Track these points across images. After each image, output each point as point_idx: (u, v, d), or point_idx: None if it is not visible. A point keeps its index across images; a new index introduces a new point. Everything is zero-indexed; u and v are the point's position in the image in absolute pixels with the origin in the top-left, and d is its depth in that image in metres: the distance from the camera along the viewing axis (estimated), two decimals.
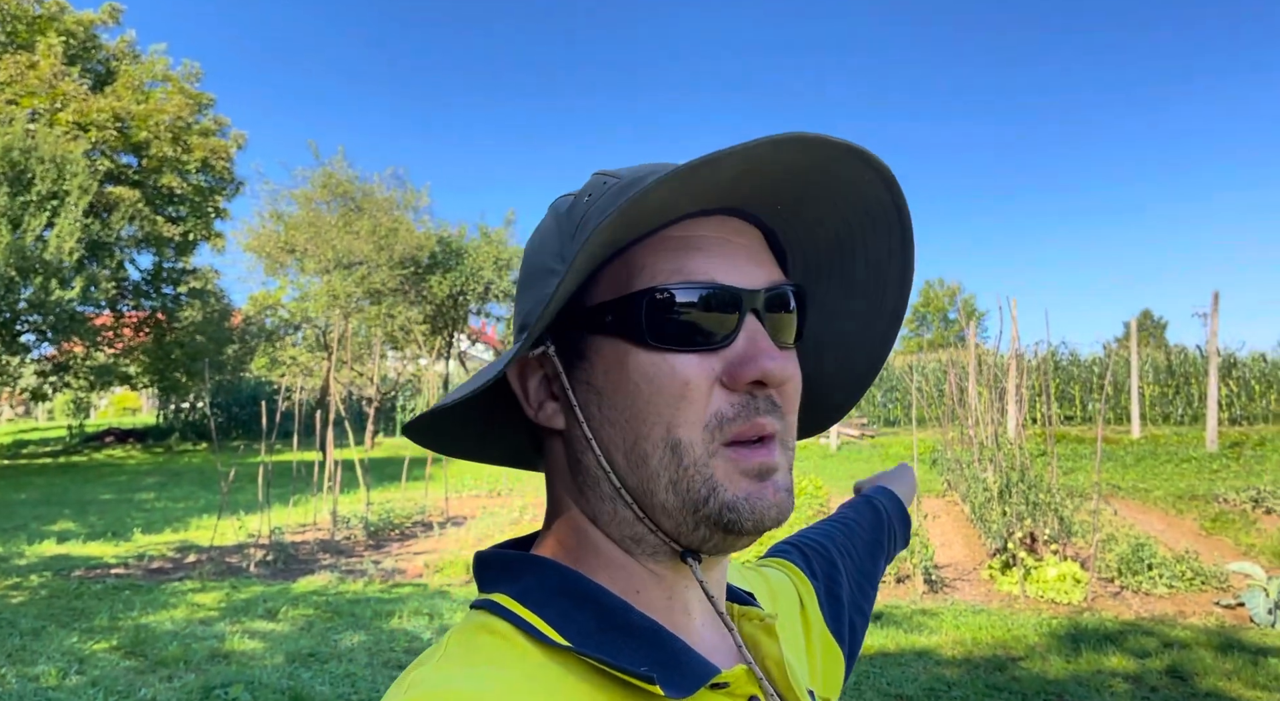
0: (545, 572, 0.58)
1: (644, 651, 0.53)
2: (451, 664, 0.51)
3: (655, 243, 0.58)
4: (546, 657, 0.52)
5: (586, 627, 0.54)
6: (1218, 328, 16.69)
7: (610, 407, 0.57)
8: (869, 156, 0.56)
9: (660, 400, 0.55)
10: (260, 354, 25.27)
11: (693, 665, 0.54)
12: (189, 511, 12.38)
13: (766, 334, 0.57)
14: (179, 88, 23.02)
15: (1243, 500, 10.11)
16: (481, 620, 0.56)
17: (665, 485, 0.56)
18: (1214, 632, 5.67)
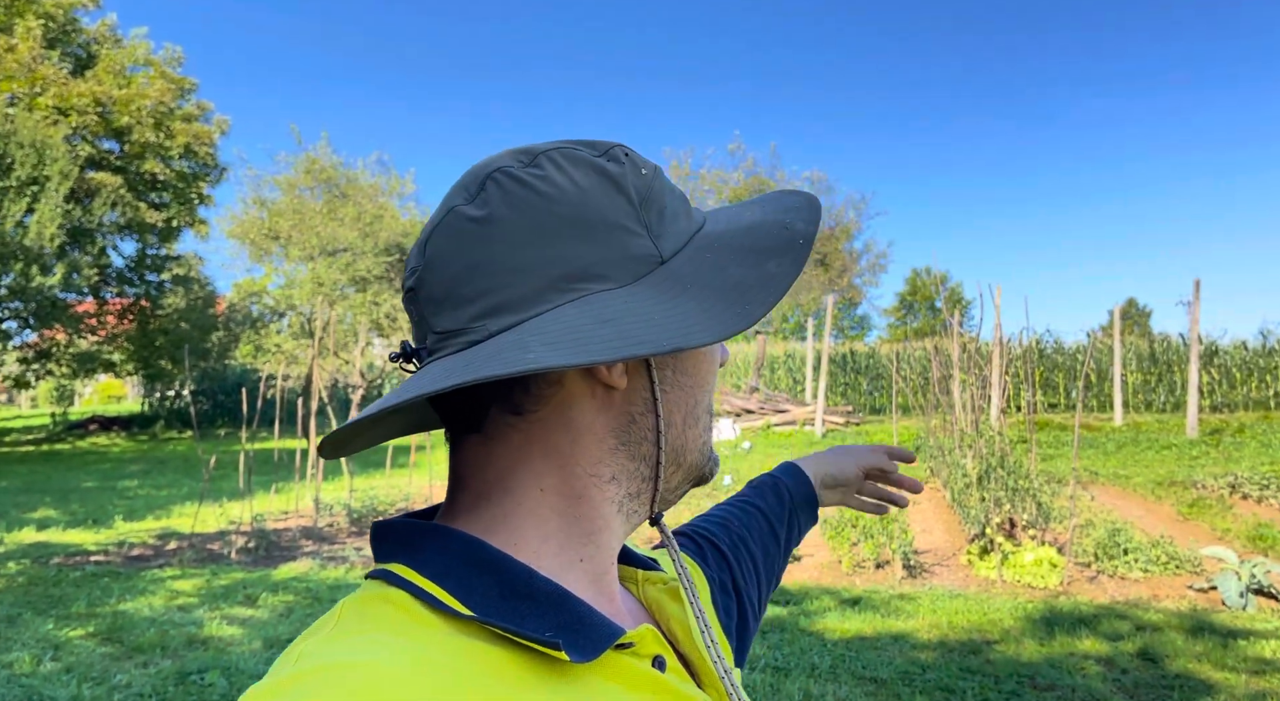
0: (447, 541, 0.56)
1: (549, 617, 0.52)
2: (345, 634, 0.49)
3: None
4: (448, 627, 0.50)
5: (489, 596, 0.53)
6: (1199, 316, 16.83)
7: (682, 373, 0.62)
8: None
9: (710, 370, 0.64)
10: (245, 341, 25.15)
11: (597, 627, 0.53)
12: (172, 499, 12.33)
13: None
14: (161, 72, 22.78)
15: (1220, 486, 10.22)
16: (377, 590, 0.53)
17: (700, 445, 0.63)
18: (1186, 615, 5.74)
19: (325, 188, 23.12)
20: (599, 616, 0.55)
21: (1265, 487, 9.82)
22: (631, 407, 0.59)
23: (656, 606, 0.65)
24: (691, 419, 0.62)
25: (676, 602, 0.64)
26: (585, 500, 0.58)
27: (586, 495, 0.58)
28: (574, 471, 0.58)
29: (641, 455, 0.60)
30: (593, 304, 0.54)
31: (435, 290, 0.57)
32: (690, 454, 0.62)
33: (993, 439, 8.33)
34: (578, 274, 0.55)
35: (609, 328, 0.52)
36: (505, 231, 0.55)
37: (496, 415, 0.58)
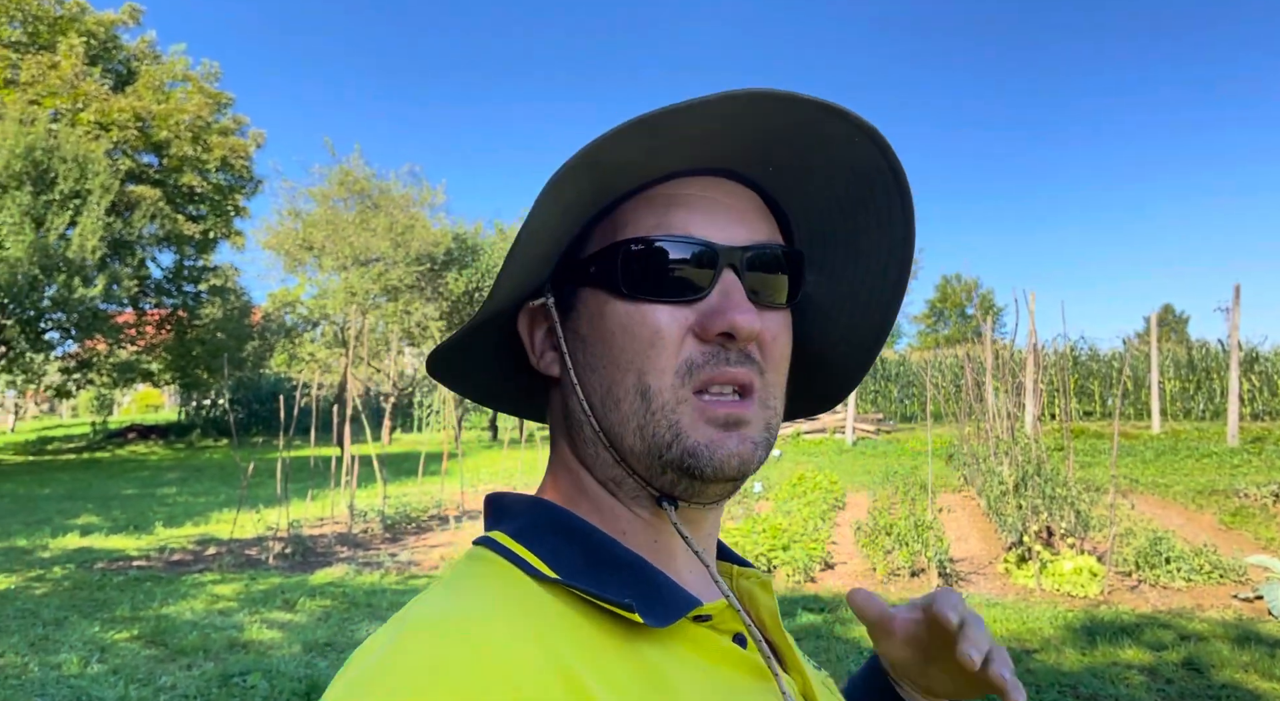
0: (540, 511, 0.62)
1: (628, 584, 0.56)
2: (445, 590, 0.54)
3: (641, 200, 0.61)
4: (536, 588, 0.54)
5: (574, 562, 0.57)
6: (1239, 322, 16.50)
7: (591, 354, 0.60)
8: (848, 115, 0.56)
9: (633, 347, 0.58)
10: (279, 350, 25.51)
11: (674, 596, 0.56)
12: (209, 505, 12.53)
13: (742, 289, 0.58)
14: (199, 87, 23.25)
15: (1263, 495, 10.00)
16: (477, 553, 0.60)
17: (634, 429, 0.58)
18: (1231, 625, 5.62)
19: (358, 198, 23.42)
20: (675, 586, 0.58)
21: None
22: (565, 394, 0.63)
23: (748, 597, 0.67)
24: (611, 401, 0.59)
25: (767, 594, 0.67)
26: (581, 482, 0.63)
27: (580, 478, 0.63)
28: (568, 457, 0.64)
29: (588, 438, 0.61)
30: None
31: None
32: (626, 438, 0.58)
33: (1029, 446, 8.22)
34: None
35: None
36: None
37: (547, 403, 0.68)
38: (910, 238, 0.65)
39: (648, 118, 0.52)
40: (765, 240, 0.61)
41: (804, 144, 0.60)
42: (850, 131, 0.58)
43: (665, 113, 0.52)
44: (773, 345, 0.60)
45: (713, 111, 0.53)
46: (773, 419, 0.60)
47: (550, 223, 0.57)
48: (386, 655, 0.46)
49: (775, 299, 0.61)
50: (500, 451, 17.50)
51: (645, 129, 0.53)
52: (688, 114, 0.53)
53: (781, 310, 0.62)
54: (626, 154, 0.55)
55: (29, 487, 15.47)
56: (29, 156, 17.88)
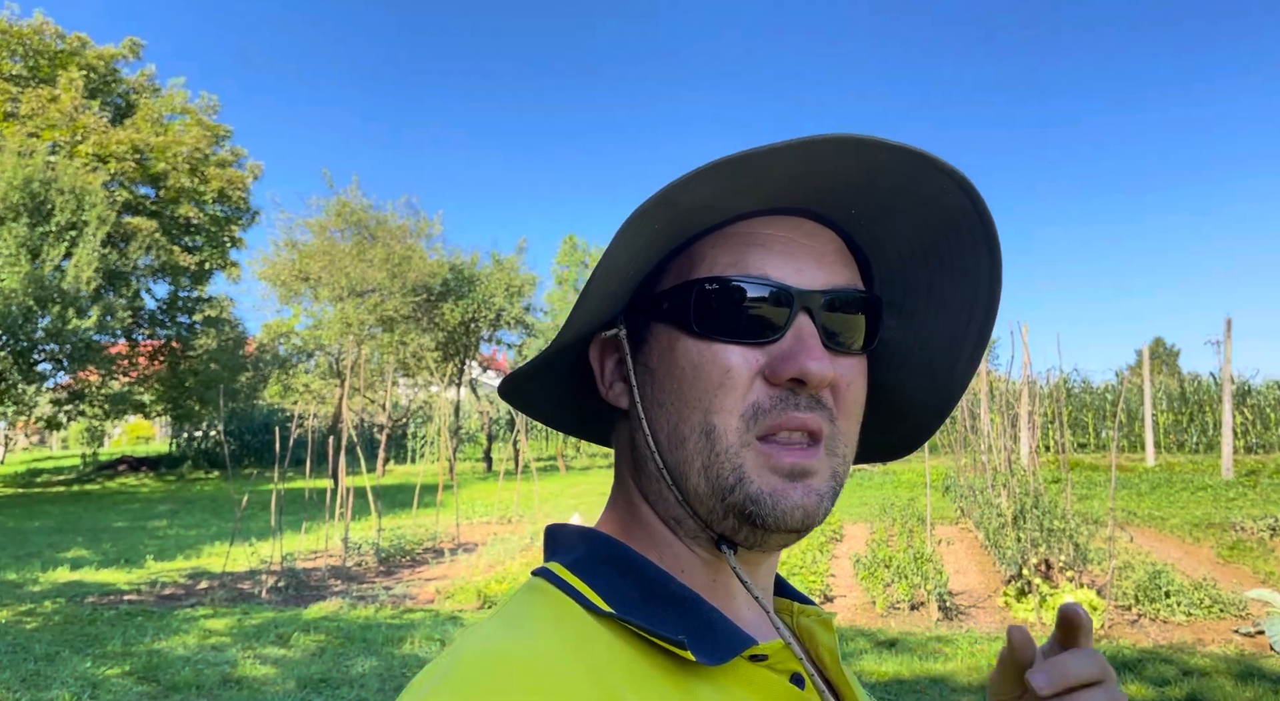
0: (597, 544, 0.62)
1: (682, 620, 0.56)
2: (501, 623, 0.54)
3: (719, 237, 0.60)
4: (590, 621, 0.55)
5: (630, 596, 0.57)
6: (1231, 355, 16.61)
7: (660, 390, 0.60)
8: (936, 161, 0.56)
9: (701, 386, 0.57)
10: (274, 381, 25.42)
11: (729, 635, 0.56)
12: (201, 538, 12.40)
13: (816, 334, 0.58)
14: (197, 120, 23.43)
15: (1260, 528, 10.00)
16: (535, 584, 0.60)
17: (698, 469, 0.57)
18: (1234, 660, 5.60)
19: (355, 229, 23.52)
20: (730, 624, 0.58)
21: None
22: (633, 428, 0.63)
23: (808, 635, 0.66)
24: (677, 439, 0.58)
25: (827, 632, 0.66)
26: (642, 517, 0.63)
27: (640, 512, 0.63)
28: (631, 490, 0.64)
29: (652, 473, 0.61)
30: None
31: None
32: (689, 478, 0.58)
33: (1025, 478, 8.23)
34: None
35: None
36: None
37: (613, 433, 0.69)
38: (996, 288, 0.63)
39: (727, 161, 0.52)
40: (843, 284, 0.60)
41: (889, 188, 0.59)
42: (938, 178, 0.57)
43: (746, 155, 0.52)
44: (846, 391, 0.59)
45: (797, 155, 0.53)
46: (840, 467, 0.59)
47: (626, 257, 0.58)
48: (441, 685, 0.46)
49: (851, 344, 0.60)
50: (495, 483, 17.41)
51: (727, 171, 0.53)
52: (771, 157, 0.53)
53: (857, 356, 0.61)
54: (705, 195, 0.55)
55: (18, 520, 15.30)
56: (26, 188, 17.95)
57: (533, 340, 25.29)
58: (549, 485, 17.69)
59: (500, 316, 25.03)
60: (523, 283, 25.40)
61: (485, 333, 25.90)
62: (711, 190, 0.55)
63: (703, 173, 0.53)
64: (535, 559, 9.69)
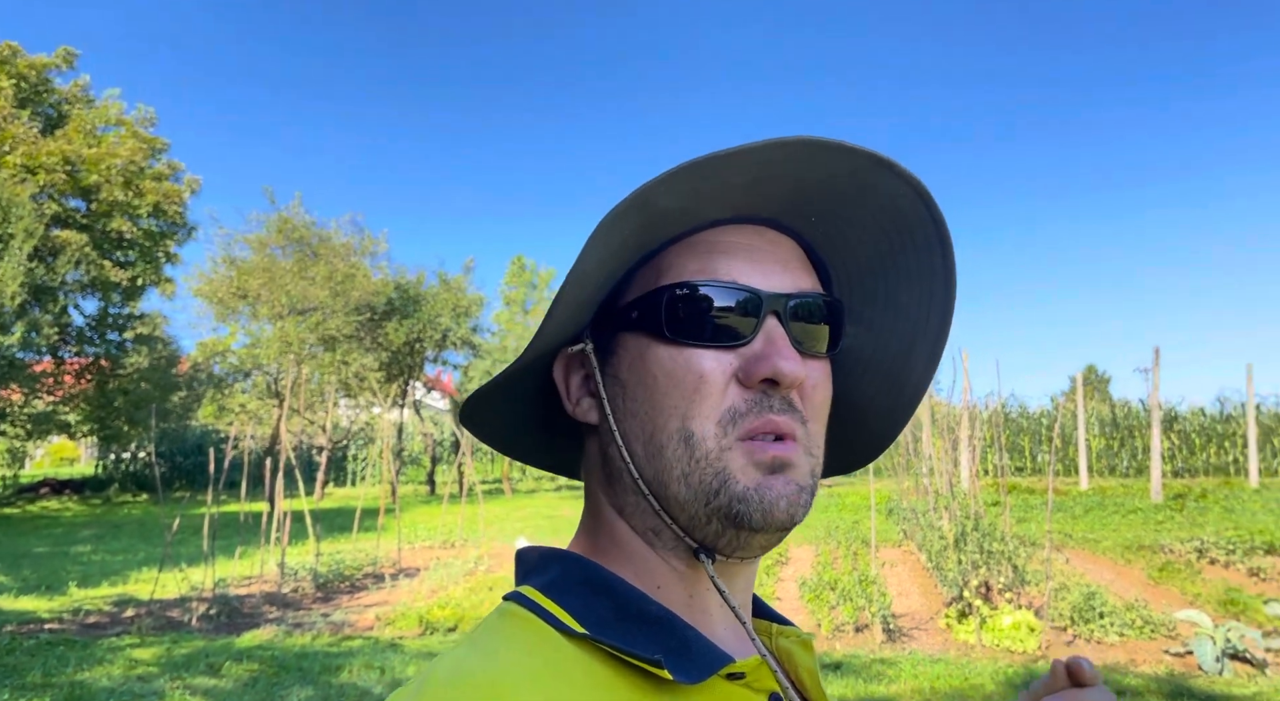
0: (570, 565, 0.61)
1: (658, 639, 0.55)
2: (473, 648, 0.53)
3: (684, 246, 0.61)
4: (565, 644, 0.54)
5: (604, 616, 0.56)
6: (1159, 382, 17.25)
7: (632, 400, 0.60)
8: (895, 166, 0.57)
9: (676, 393, 0.58)
10: (208, 401, 24.69)
11: (706, 653, 0.56)
12: (128, 564, 11.91)
13: (786, 336, 0.58)
14: (132, 132, 22.79)
15: (1188, 550, 10.34)
16: (507, 608, 0.58)
17: (678, 476, 0.57)
18: (1164, 680, 5.75)
19: (297, 247, 23.06)
20: (707, 642, 0.57)
21: (1232, 553, 9.95)
22: (604, 441, 0.63)
23: (787, 656, 0.66)
24: (654, 449, 0.58)
25: (807, 653, 0.66)
26: (617, 533, 0.62)
27: (615, 529, 0.62)
28: (603, 507, 0.63)
29: (629, 488, 0.60)
30: None
31: None
32: (670, 486, 0.57)
33: (966, 501, 8.39)
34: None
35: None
36: None
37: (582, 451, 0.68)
38: (951, 294, 0.65)
39: (697, 162, 0.53)
40: (808, 289, 0.61)
41: (847, 193, 0.60)
42: (895, 184, 0.59)
43: (714, 157, 0.53)
44: (814, 393, 0.60)
45: (760, 157, 0.54)
46: (816, 467, 0.60)
47: (596, 264, 0.58)
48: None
49: (817, 348, 0.61)
50: (439, 506, 17.13)
51: (695, 173, 0.54)
52: (736, 158, 0.54)
53: (823, 359, 0.62)
54: (674, 199, 0.56)
55: None
56: None
57: (479, 361, 25.00)
58: (494, 508, 17.44)
59: (446, 337, 24.74)
60: (470, 303, 25.16)
61: (430, 353, 25.56)
62: (681, 196, 0.56)
63: (675, 173, 0.53)
64: (479, 583, 9.52)
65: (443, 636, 7.50)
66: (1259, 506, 14.84)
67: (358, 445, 29.15)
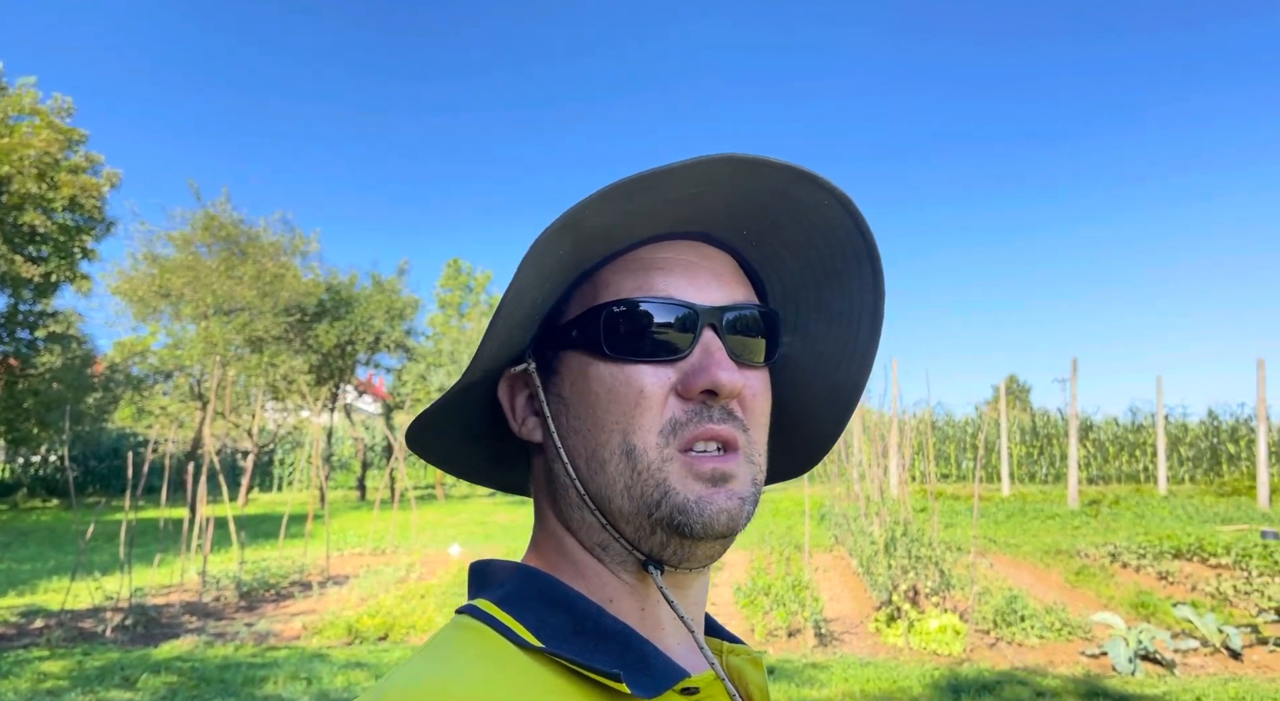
0: (525, 579, 0.60)
1: (614, 653, 0.55)
2: (426, 659, 0.52)
3: (621, 263, 0.62)
4: (521, 657, 0.53)
5: (560, 630, 0.56)
6: (1076, 392, 17.93)
7: (575, 417, 0.60)
8: (818, 179, 0.59)
9: (617, 408, 0.58)
10: (126, 403, 23.72)
11: (661, 667, 0.56)
12: (37, 573, 11.36)
13: (723, 348, 0.59)
14: (48, 122, 21.80)
15: (1102, 555, 10.77)
16: (461, 621, 0.58)
17: (621, 490, 0.58)
18: (1080, 681, 5.96)
19: (223, 245, 22.34)
20: (663, 656, 0.57)
21: (1143, 557, 10.40)
22: (549, 459, 0.63)
23: (738, 673, 0.66)
24: (597, 463, 0.59)
25: (758, 670, 0.67)
26: (567, 549, 0.62)
27: (565, 544, 0.62)
28: (552, 523, 0.64)
29: (574, 502, 0.61)
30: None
31: None
32: (614, 500, 0.58)
33: (895, 507, 8.58)
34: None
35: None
36: None
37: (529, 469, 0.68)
38: (880, 301, 0.67)
39: (626, 182, 0.54)
40: (743, 301, 0.62)
41: (776, 207, 0.61)
42: (820, 196, 0.60)
43: (642, 177, 0.54)
44: (754, 402, 0.61)
45: (687, 175, 0.55)
46: (759, 475, 0.61)
47: (531, 288, 0.58)
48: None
49: (754, 358, 0.62)
50: (370, 512, 16.78)
51: (623, 193, 0.54)
52: (664, 178, 0.55)
53: (761, 369, 0.63)
54: (606, 218, 0.56)
55: None
56: None
57: (413, 365, 24.60)
58: (427, 514, 17.15)
59: (379, 339, 24.28)
60: (404, 305, 24.75)
61: (363, 356, 25.04)
62: (612, 214, 0.56)
63: (603, 194, 0.54)
64: (411, 591, 9.35)
65: (372, 646, 7.34)
66: (1167, 512, 15.55)
67: (285, 449, 28.39)
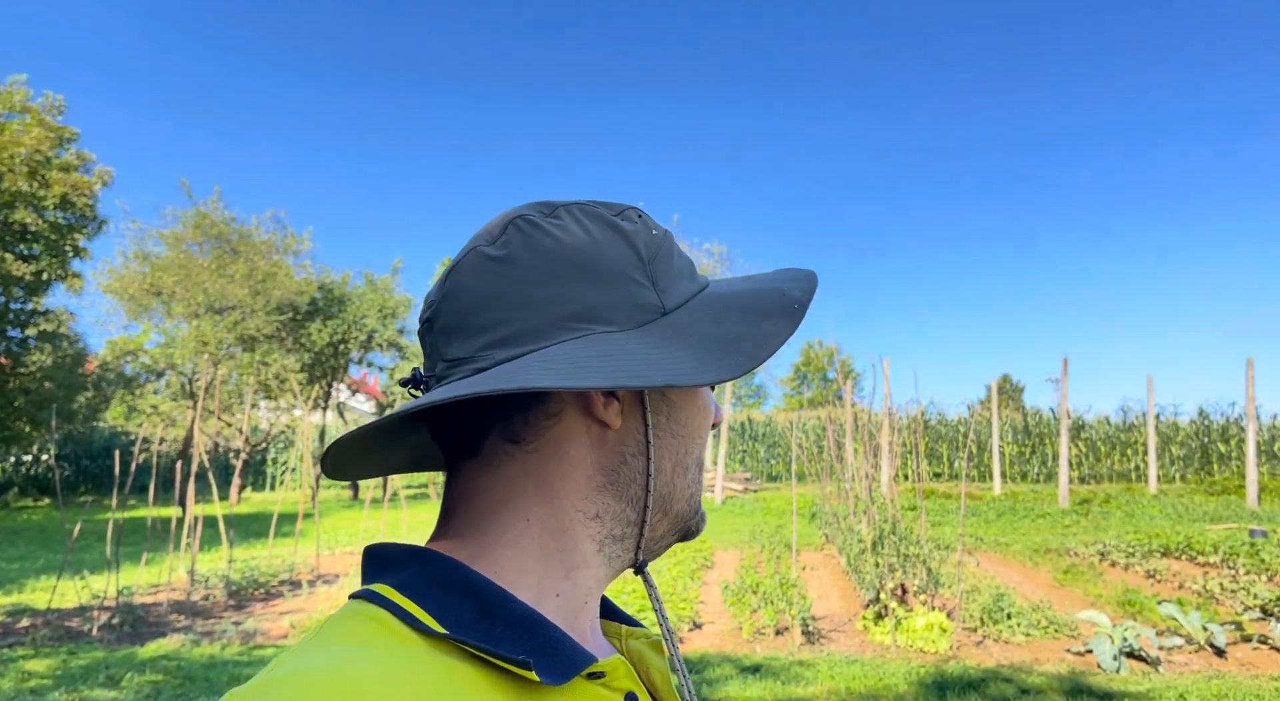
0: (428, 563, 0.58)
1: (522, 639, 0.54)
2: (321, 645, 0.50)
3: None
4: (424, 644, 0.52)
5: (465, 616, 0.54)
6: (1068, 392, 17.99)
7: (676, 422, 0.65)
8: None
9: (704, 425, 0.68)
10: (117, 402, 23.65)
11: (569, 653, 0.55)
12: (24, 572, 11.32)
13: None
14: (39, 120, 21.70)
15: (1091, 553, 10.81)
16: (358, 607, 0.55)
17: (687, 496, 0.66)
18: (1065, 678, 5.98)
19: (215, 243, 22.29)
20: (571, 642, 0.56)
21: (1131, 555, 10.44)
22: (624, 448, 0.62)
23: (638, 657, 0.66)
24: (681, 468, 0.64)
25: (658, 654, 0.67)
26: (568, 535, 0.60)
27: (570, 530, 0.60)
28: (561, 505, 0.61)
29: (629, 497, 0.62)
30: (595, 342, 0.58)
31: (450, 320, 0.61)
32: (678, 503, 0.64)
33: (885, 506, 8.59)
34: (583, 315, 0.59)
35: (607, 362, 0.56)
36: (520, 270, 0.60)
37: (495, 443, 0.61)
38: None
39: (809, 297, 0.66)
40: None
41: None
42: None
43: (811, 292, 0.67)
44: None
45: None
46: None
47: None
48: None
49: None
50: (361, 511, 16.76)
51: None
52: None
53: None
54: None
55: None
56: None
57: (406, 363, 24.55)
58: (419, 513, 17.13)
59: (372, 338, 24.24)
60: (397, 304, 24.71)
61: (355, 354, 25.01)
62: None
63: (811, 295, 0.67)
64: None
65: None
66: (1157, 511, 15.61)
67: (277, 448, 28.33)
